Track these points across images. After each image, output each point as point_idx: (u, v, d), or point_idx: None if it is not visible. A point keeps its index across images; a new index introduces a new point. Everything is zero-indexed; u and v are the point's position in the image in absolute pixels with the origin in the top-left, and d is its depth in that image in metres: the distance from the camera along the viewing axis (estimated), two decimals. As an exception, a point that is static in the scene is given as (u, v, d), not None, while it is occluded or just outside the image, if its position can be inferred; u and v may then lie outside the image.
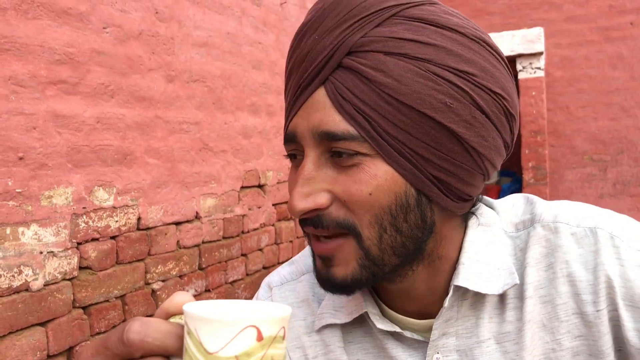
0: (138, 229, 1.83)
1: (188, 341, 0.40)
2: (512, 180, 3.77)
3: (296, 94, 0.60)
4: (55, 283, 1.53)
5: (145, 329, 0.43)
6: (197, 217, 2.11)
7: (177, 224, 2.01)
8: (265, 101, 2.56)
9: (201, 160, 2.12)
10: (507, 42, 3.43)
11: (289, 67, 0.61)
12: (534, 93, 3.40)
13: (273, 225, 2.59)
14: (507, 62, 0.61)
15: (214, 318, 0.39)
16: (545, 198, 3.47)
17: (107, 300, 1.70)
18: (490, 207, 0.72)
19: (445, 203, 0.60)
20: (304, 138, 0.58)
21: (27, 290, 1.45)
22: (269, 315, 0.40)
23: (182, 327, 0.42)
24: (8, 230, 1.40)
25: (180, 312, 0.44)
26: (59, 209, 1.54)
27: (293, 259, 0.81)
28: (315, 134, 0.57)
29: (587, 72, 4.08)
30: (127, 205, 1.78)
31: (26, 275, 1.44)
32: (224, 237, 2.25)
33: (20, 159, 1.43)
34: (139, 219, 1.83)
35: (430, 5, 0.59)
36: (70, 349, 1.57)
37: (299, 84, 0.59)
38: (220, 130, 2.25)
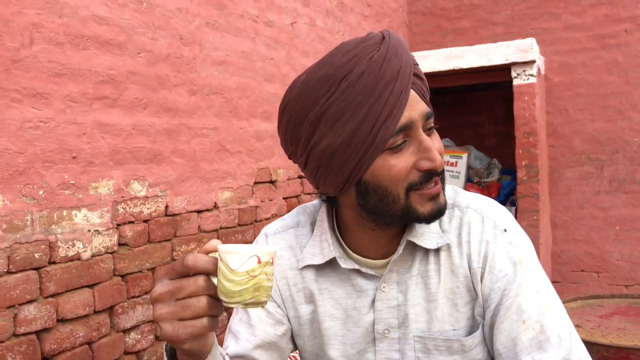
0: (166, 215, 2.25)
1: (220, 265, 0.78)
2: (511, 178, 4.07)
3: (400, 96, 0.93)
4: (100, 255, 1.95)
5: (195, 258, 0.81)
6: (216, 206, 2.51)
7: (199, 212, 2.42)
8: (276, 109, 2.96)
9: (219, 159, 2.53)
10: (502, 51, 3.75)
11: (382, 81, 0.91)
12: (526, 98, 3.70)
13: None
14: None
15: (234, 250, 0.78)
16: (536, 194, 3.77)
17: (141, 271, 2.12)
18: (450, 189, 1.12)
19: None
20: (416, 121, 0.95)
21: (78, 259, 1.87)
22: (264, 250, 0.79)
23: (216, 259, 0.80)
24: (64, 213, 1.83)
25: (214, 251, 0.82)
26: (103, 197, 1.97)
27: (284, 217, 1.21)
28: (423, 116, 0.96)
29: (585, 77, 4.35)
30: (156, 196, 2.20)
31: (78, 248, 1.87)
32: (239, 225, 2.65)
33: (74, 158, 1.86)
34: (166, 207, 2.25)
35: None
36: (112, 307, 1.99)
37: (401, 90, 0.94)
38: (236, 134, 2.66)
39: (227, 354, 1.04)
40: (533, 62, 3.70)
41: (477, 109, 4.69)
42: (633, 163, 4.24)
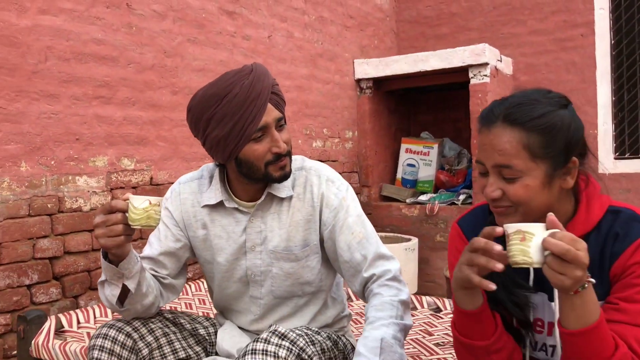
0: (151, 184, 3.01)
1: (129, 205, 1.44)
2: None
3: (260, 108, 1.57)
4: (95, 209, 2.73)
5: (116, 202, 1.47)
6: (194, 181, 3.26)
7: (179, 184, 3.17)
8: (251, 105, 3.70)
9: (197, 144, 3.27)
10: (460, 55, 4.35)
11: (249, 99, 1.54)
12: (480, 95, 4.28)
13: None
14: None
15: (136, 197, 1.45)
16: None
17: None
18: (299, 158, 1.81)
19: None
20: (270, 123, 1.57)
21: (80, 211, 2.66)
22: (155, 198, 1.46)
23: (128, 202, 1.48)
24: (70, 177, 2.62)
25: (127, 199, 1.47)
26: (99, 168, 2.75)
27: (193, 172, 1.92)
28: (275, 120, 1.64)
29: (547, 76, 4.87)
30: (143, 170, 2.97)
31: (80, 203, 2.66)
32: (215, 196, 3.40)
33: (77, 139, 2.65)
34: (151, 178, 3.02)
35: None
36: (105, 247, 2.77)
37: (261, 104, 1.61)
38: (214, 125, 3.40)
39: (141, 256, 1.76)
40: (486, 64, 4.28)
41: (455, 106, 5.27)
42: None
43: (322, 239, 1.74)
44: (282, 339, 1.46)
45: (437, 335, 2.24)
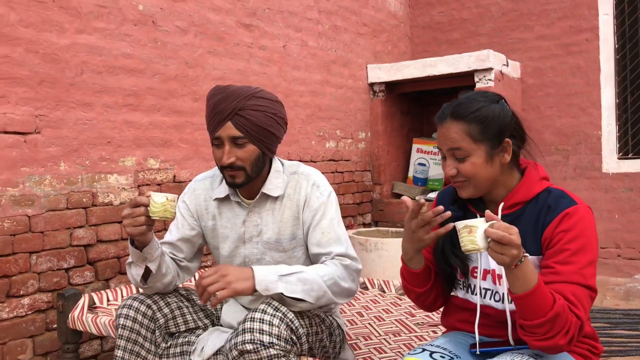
0: (174, 181, 3.38)
1: (150, 200, 1.80)
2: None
3: (219, 123, 1.94)
4: (124, 203, 3.10)
5: (140, 198, 1.83)
6: (214, 179, 3.61)
7: (199, 181, 3.53)
8: (266, 110, 4.03)
9: (216, 146, 3.62)
10: (466, 61, 4.60)
11: (212, 112, 1.89)
12: (484, 98, 4.55)
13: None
14: (281, 105, 2.05)
15: (156, 194, 1.80)
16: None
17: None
18: (282, 163, 2.15)
19: (270, 155, 2.05)
20: (222, 137, 1.90)
21: (111, 204, 3.04)
22: (171, 195, 1.82)
23: (149, 198, 1.83)
24: (102, 175, 2.99)
25: (149, 195, 1.86)
26: (128, 167, 3.12)
27: (208, 171, 2.27)
28: (229, 137, 1.88)
29: (553, 79, 5.09)
30: (167, 169, 3.34)
31: (111, 198, 3.04)
32: (232, 192, 3.74)
33: (108, 142, 3.02)
34: (174, 176, 3.38)
35: (261, 92, 2.02)
36: (133, 237, 3.14)
37: (220, 120, 1.94)
38: (232, 128, 3.75)
39: (162, 241, 2.11)
40: (491, 69, 4.53)
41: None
42: (593, 152, 4.94)
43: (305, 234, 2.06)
44: (276, 311, 1.78)
45: (419, 316, 2.54)
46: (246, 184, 1.98)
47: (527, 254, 1.39)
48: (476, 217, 1.60)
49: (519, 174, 1.64)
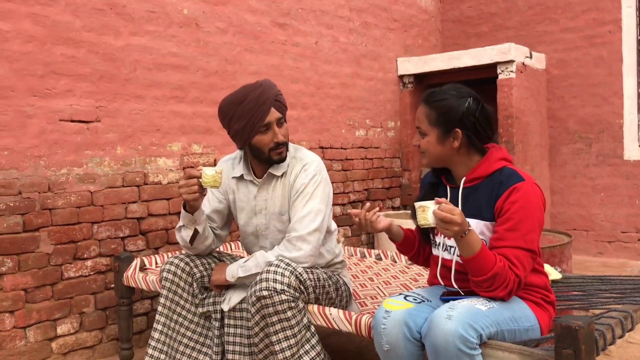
0: (214, 164, 3.82)
1: (202, 173, 2.23)
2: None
3: (265, 111, 2.33)
4: (172, 183, 3.56)
5: (193, 171, 2.31)
6: (250, 163, 4.04)
7: (237, 165, 3.96)
8: (298, 100, 4.43)
9: (253, 133, 4.04)
10: (489, 54, 4.87)
11: (257, 104, 2.31)
12: (506, 89, 4.79)
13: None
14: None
15: (207, 167, 2.25)
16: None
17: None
18: (294, 149, 2.55)
19: None
20: (272, 122, 2.35)
21: (160, 184, 3.50)
22: (219, 167, 2.27)
23: (201, 171, 2.28)
24: (152, 159, 3.46)
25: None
26: (175, 152, 3.58)
27: (231, 154, 2.69)
28: (276, 119, 2.40)
29: (577, 70, 5.29)
30: (208, 153, 3.78)
31: (160, 178, 3.50)
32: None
33: (158, 130, 3.49)
34: (215, 160, 3.83)
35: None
36: (178, 212, 3.60)
37: (265, 108, 2.36)
38: (267, 118, 4.16)
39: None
40: (512, 61, 4.79)
41: (487, 98, 5.74)
42: (615, 140, 5.13)
43: None
44: (287, 265, 2.19)
45: (421, 281, 2.89)
46: (286, 157, 2.40)
47: (471, 227, 1.77)
48: (446, 187, 1.97)
49: (478, 156, 1.97)
